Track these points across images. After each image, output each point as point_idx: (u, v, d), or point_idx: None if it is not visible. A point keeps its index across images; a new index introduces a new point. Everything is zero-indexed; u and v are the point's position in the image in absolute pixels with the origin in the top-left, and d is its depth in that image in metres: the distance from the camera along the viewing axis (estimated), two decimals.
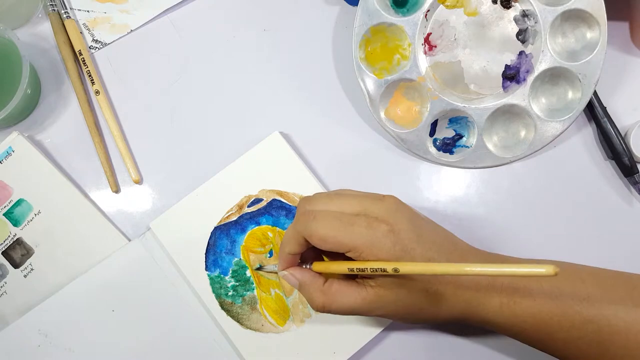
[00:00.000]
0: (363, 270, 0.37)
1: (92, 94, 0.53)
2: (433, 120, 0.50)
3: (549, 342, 0.40)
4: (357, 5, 0.49)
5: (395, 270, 0.35)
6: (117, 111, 0.53)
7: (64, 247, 0.50)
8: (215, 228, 0.49)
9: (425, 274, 0.38)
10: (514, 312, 0.39)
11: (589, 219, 0.51)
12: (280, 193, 0.50)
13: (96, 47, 0.54)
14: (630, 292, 0.40)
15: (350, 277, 0.41)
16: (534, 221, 0.51)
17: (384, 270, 0.36)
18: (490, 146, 0.50)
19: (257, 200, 0.50)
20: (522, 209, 0.51)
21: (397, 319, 0.41)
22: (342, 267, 0.39)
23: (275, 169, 0.50)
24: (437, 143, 0.51)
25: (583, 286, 0.40)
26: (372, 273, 0.37)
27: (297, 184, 0.50)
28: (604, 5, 0.46)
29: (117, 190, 0.52)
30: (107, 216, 0.51)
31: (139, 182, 0.52)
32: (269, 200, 0.50)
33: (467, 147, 0.51)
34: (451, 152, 0.51)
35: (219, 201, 0.50)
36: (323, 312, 0.40)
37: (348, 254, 0.38)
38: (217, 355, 0.48)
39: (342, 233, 0.38)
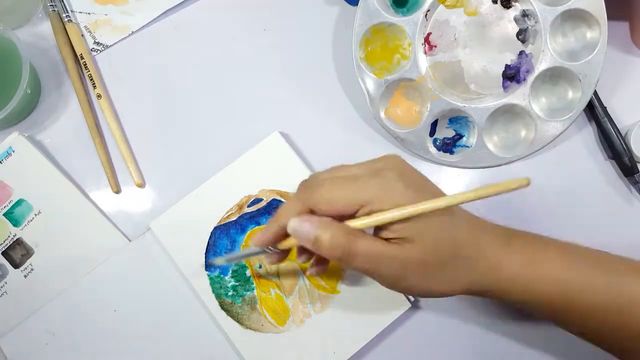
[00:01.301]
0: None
1: (93, 95, 0.53)
2: (433, 120, 0.50)
3: (567, 310, 0.38)
4: (357, 5, 0.49)
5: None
6: (118, 113, 0.53)
7: (64, 247, 0.50)
8: (215, 228, 0.49)
9: (434, 209, 0.35)
10: (534, 274, 0.38)
11: (589, 219, 0.51)
12: (280, 193, 0.50)
13: (98, 50, 0.54)
14: None
15: None
16: (534, 221, 0.51)
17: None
18: (490, 146, 0.50)
19: (257, 200, 0.50)
20: (522, 208, 0.51)
21: (414, 281, 0.37)
22: (359, 223, 0.36)
23: (275, 169, 0.50)
24: (437, 143, 0.51)
25: (600, 256, 0.39)
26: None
27: (297, 184, 0.50)
28: (604, 5, 0.46)
29: (117, 190, 0.52)
30: (108, 216, 0.51)
31: (141, 186, 0.52)
32: (269, 200, 0.50)
33: (467, 147, 0.51)
34: (451, 152, 0.51)
35: (219, 201, 0.50)
36: (346, 256, 0.36)
37: (360, 212, 0.36)
38: (217, 355, 0.48)
39: (351, 189, 0.36)
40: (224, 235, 0.49)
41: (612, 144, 0.50)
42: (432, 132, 0.51)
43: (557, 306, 0.39)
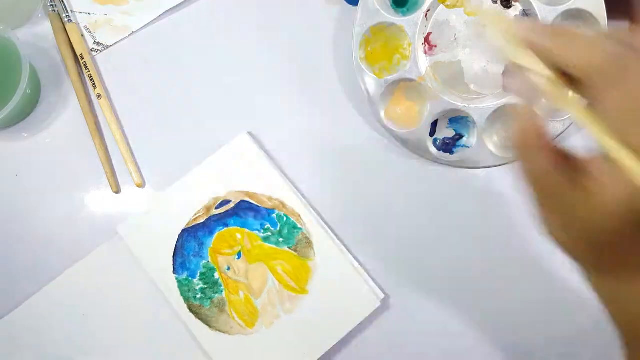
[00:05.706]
0: None
1: (93, 95, 0.53)
2: (433, 120, 0.50)
3: None
4: (357, 5, 0.49)
5: None
6: (118, 113, 0.53)
7: None
8: (183, 230, 0.49)
9: None
10: None
11: None
12: (249, 194, 0.50)
13: (98, 50, 0.54)
14: None
15: None
16: (534, 221, 0.50)
17: None
18: (490, 146, 0.50)
19: (225, 202, 0.49)
20: (522, 208, 0.51)
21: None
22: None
23: (243, 170, 0.50)
24: (437, 143, 0.51)
25: None
26: None
27: (266, 184, 0.50)
28: (604, 5, 0.46)
29: (117, 190, 0.52)
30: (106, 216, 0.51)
31: (141, 186, 0.52)
32: (237, 201, 0.49)
33: (467, 147, 0.51)
34: (451, 152, 0.51)
35: (187, 203, 0.49)
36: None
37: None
38: (186, 358, 0.48)
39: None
40: (191, 238, 0.49)
41: None
42: (432, 132, 0.51)
43: None
